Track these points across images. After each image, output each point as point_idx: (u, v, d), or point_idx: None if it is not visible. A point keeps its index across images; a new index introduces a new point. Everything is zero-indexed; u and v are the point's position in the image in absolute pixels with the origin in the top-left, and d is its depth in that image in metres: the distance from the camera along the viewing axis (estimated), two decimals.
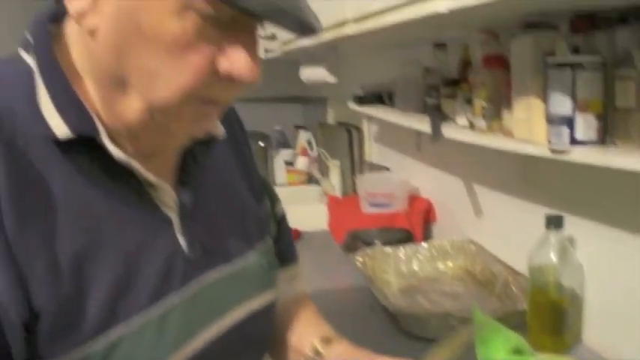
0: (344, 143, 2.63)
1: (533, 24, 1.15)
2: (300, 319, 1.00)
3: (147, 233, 0.73)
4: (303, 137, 3.36)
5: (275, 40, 3.07)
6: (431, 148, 1.89)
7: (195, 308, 0.76)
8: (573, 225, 1.22)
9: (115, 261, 0.69)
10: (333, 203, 2.20)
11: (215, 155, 0.85)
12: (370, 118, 2.42)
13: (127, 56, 0.65)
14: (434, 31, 1.51)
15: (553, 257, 1.16)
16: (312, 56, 2.46)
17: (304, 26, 0.66)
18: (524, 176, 1.42)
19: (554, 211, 1.22)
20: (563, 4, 0.98)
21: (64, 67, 0.70)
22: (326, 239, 2.09)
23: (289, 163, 3.23)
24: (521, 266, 1.32)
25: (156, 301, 0.72)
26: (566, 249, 1.18)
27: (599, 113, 0.98)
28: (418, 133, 1.85)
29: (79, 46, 0.70)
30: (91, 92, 0.70)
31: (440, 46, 1.68)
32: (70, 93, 0.68)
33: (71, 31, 0.71)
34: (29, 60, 0.70)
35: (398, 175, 2.14)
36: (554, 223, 1.16)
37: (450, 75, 1.62)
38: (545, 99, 1.03)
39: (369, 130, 2.54)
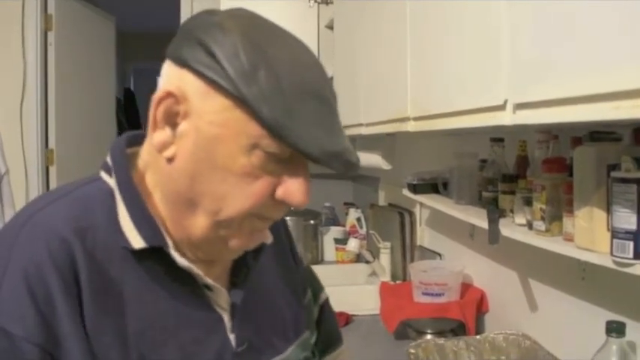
0: (395, 226, 2.64)
1: (596, 132, 1.16)
2: None
3: (201, 330, 0.83)
4: (353, 215, 3.37)
5: None
6: (485, 239, 1.89)
7: None
8: (635, 330, 1.20)
9: (172, 352, 0.80)
10: (385, 290, 2.20)
11: (261, 260, 0.93)
12: (423, 203, 2.44)
13: (200, 182, 0.76)
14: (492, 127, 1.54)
15: None
16: (367, 140, 2.50)
17: (349, 166, 0.76)
18: (583, 277, 1.41)
19: (614, 314, 1.20)
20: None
21: (139, 186, 0.82)
22: (376, 325, 2.08)
23: (339, 241, 3.24)
24: None
25: None
26: (627, 355, 1.15)
27: None
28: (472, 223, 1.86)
29: (154, 168, 0.82)
30: (161, 208, 0.82)
31: (497, 140, 1.69)
32: (145, 211, 0.81)
33: (147, 155, 0.83)
34: (110, 181, 0.83)
35: (450, 263, 2.13)
36: (615, 330, 1.14)
37: (507, 169, 1.63)
38: (608, 210, 1.04)
39: (421, 214, 2.55)
